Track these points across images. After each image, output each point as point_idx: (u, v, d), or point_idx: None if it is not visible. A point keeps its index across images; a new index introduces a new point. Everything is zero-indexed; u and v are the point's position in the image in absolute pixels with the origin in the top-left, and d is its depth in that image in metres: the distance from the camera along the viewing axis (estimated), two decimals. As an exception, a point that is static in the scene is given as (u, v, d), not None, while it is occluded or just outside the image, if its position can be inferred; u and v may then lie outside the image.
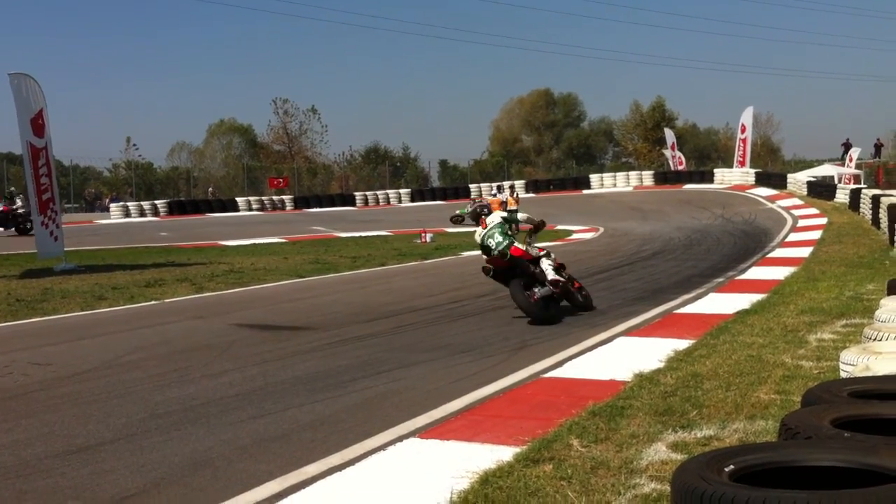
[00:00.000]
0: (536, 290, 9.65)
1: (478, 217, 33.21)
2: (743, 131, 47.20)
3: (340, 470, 4.58)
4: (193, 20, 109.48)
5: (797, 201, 31.48)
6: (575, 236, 25.68)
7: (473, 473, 4.30)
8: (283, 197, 46.06)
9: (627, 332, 8.70)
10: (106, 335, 9.71)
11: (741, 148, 46.93)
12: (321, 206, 43.99)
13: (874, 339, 5.01)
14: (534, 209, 33.79)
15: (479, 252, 10.70)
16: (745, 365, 6.52)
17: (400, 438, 5.13)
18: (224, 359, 7.95)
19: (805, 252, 16.44)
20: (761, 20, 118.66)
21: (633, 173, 48.31)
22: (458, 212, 32.20)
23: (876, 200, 21.47)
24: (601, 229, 26.83)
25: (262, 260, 19.23)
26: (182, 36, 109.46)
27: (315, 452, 4.98)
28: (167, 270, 16.91)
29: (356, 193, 47.66)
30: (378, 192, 48.02)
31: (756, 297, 10.37)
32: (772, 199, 33.88)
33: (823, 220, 23.97)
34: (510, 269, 9.86)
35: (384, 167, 59.61)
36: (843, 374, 4.44)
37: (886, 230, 18.85)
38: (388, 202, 46.60)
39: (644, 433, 4.85)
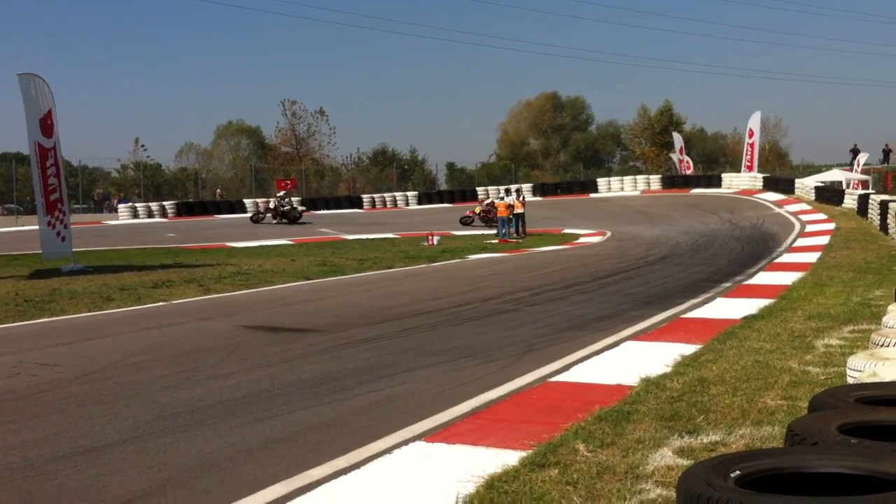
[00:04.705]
0: None
1: (487, 219, 34.53)
2: (751, 136, 47.08)
3: (346, 473, 4.58)
4: (202, 21, 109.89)
5: (805, 206, 31.42)
6: (582, 240, 25.68)
7: (479, 478, 4.30)
8: (292, 199, 46.01)
9: (634, 337, 8.69)
10: (113, 336, 9.74)
11: (749, 152, 46.82)
12: (328, 209, 43.97)
13: (882, 345, 4.99)
14: (541, 212, 33.94)
15: (486, 255, 10.68)
16: (752, 370, 6.51)
17: (406, 442, 5.13)
18: (231, 360, 7.96)
19: (813, 257, 16.40)
20: (769, 25, 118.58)
21: (640, 177, 48.25)
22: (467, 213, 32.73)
23: (884, 206, 21.43)
24: (608, 233, 26.82)
25: (269, 262, 19.27)
26: (190, 37, 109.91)
27: (321, 455, 4.99)
28: (175, 272, 16.96)
29: (363, 196, 47.68)
30: (385, 195, 48.01)
31: (763, 303, 10.35)
32: (780, 203, 33.82)
33: (831, 226, 23.91)
34: None
35: (391, 169, 59.62)
36: (850, 380, 4.42)
37: (894, 236, 18.81)
38: (396, 205, 46.60)
39: (650, 438, 4.84)
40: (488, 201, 33.05)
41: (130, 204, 43.52)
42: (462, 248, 22.92)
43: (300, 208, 35.15)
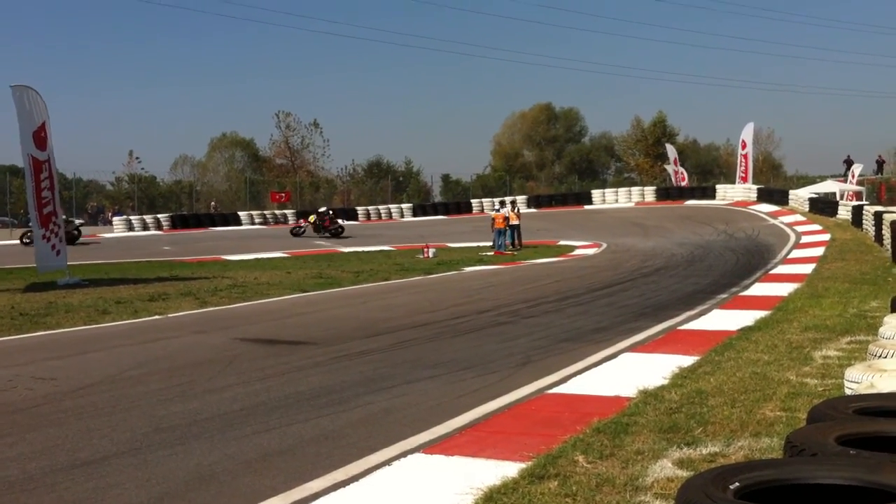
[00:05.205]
0: None
1: (321, 228, 37.33)
2: (744, 147, 47.15)
3: (345, 486, 4.58)
4: (196, 33, 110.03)
5: (799, 217, 31.50)
6: (577, 252, 25.70)
7: (478, 490, 4.30)
8: (286, 211, 46.04)
9: (632, 349, 8.70)
10: (109, 349, 9.72)
11: (743, 164, 46.88)
12: (323, 221, 43.91)
13: (879, 357, 5.00)
14: (536, 224, 33.99)
15: (482, 267, 10.69)
16: (750, 382, 6.52)
17: (404, 454, 5.13)
18: (227, 373, 7.95)
19: (808, 269, 16.45)
20: (762, 36, 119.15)
21: (634, 189, 48.27)
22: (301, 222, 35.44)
23: (878, 217, 21.49)
24: (603, 245, 26.85)
25: (264, 274, 19.24)
26: (185, 49, 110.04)
27: (319, 468, 4.98)
28: (171, 285, 16.93)
29: (358, 208, 47.71)
30: (380, 207, 48.06)
31: (760, 314, 10.37)
32: (774, 215, 33.89)
33: (826, 237, 23.99)
34: None
35: (386, 181, 59.64)
36: (848, 392, 4.43)
37: (889, 247, 18.86)
38: (391, 217, 46.62)
39: (649, 450, 4.85)
40: (322, 209, 35.65)
41: (125, 217, 43.45)
42: (457, 261, 22.92)
43: (77, 222, 33.33)
